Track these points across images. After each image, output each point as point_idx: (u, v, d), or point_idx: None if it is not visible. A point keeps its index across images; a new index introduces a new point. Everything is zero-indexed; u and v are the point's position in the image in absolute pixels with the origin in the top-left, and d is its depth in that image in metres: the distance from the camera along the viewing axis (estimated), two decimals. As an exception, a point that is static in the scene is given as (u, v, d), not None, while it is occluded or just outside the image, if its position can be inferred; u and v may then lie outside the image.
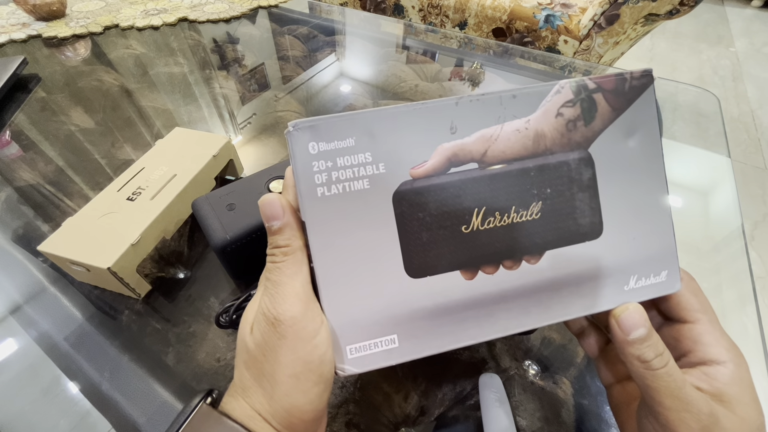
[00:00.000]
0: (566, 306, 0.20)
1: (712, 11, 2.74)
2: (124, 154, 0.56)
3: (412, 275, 0.18)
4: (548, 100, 0.19)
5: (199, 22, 0.94)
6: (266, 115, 0.65)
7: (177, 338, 0.35)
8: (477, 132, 0.18)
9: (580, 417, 0.31)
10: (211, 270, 0.41)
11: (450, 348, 0.19)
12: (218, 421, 0.18)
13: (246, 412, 0.18)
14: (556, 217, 0.19)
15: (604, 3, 1.07)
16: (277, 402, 0.17)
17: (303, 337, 0.17)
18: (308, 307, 0.17)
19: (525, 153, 0.19)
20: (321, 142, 0.18)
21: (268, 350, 0.17)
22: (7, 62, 0.69)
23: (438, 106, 0.18)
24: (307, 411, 0.18)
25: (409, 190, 0.18)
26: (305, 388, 0.17)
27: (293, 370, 0.17)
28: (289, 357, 0.17)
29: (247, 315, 0.20)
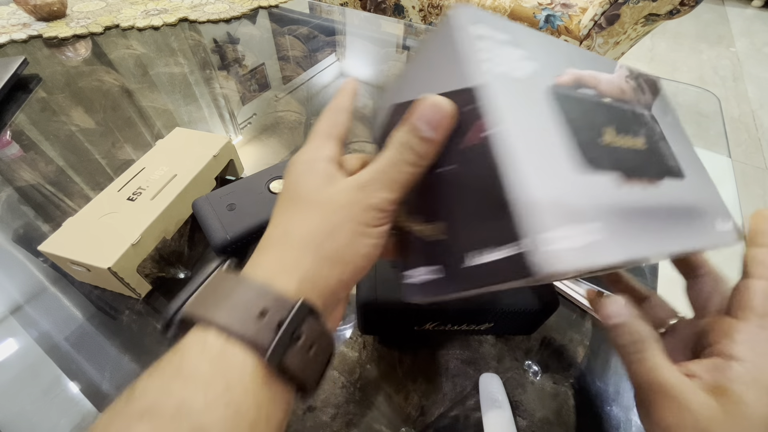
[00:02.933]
0: (681, 237, 0.20)
1: (712, 11, 2.74)
2: (124, 154, 0.56)
3: (587, 168, 0.17)
4: (617, 69, 0.23)
5: (199, 22, 0.95)
6: (266, 115, 0.65)
7: (177, 338, 0.35)
8: (590, 70, 0.21)
9: (580, 417, 0.31)
10: (211, 270, 0.41)
11: (636, 256, 0.17)
12: (235, 279, 0.17)
13: (275, 265, 0.17)
14: (654, 152, 0.21)
15: (604, 3, 1.07)
16: (324, 252, 0.17)
17: (376, 221, 0.18)
18: (393, 208, 0.18)
19: (619, 97, 0.22)
20: (482, 24, 0.18)
21: (341, 206, 0.18)
22: (7, 62, 0.69)
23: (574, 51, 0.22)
24: (350, 266, 0.18)
25: (567, 95, 0.18)
26: (355, 253, 0.18)
27: (356, 229, 0.17)
28: (355, 224, 0.17)
29: (312, 171, 0.19)
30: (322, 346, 0.17)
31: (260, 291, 0.16)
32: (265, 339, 0.15)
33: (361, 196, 0.18)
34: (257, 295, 0.16)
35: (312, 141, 0.21)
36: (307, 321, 0.16)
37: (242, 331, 0.15)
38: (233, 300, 0.16)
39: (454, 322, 0.32)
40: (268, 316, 0.15)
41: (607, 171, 0.17)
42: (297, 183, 0.19)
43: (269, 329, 0.15)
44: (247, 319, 0.15)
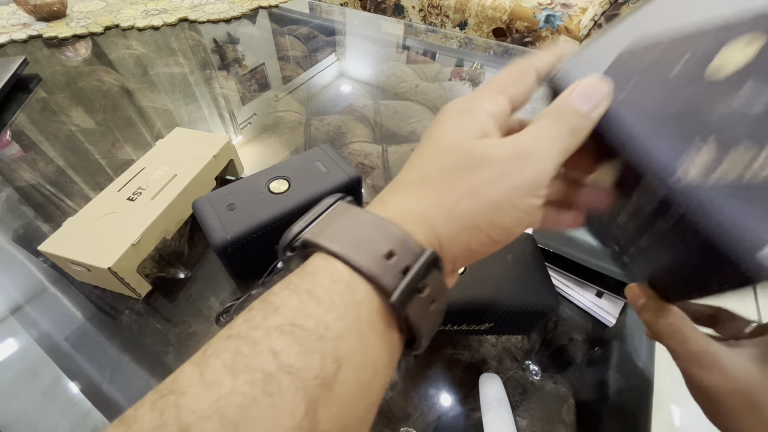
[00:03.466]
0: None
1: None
2: (124, 154, 0.56)
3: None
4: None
5: (199, 22, 0.95)
6: (266, 115, 0.65)
7: (177, 338, 0.35)
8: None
9: (580, 417, 0.31)
10: (211, 270, 0.41)
11: None
12: (360, 214, 0.16)
13: (406, 208, 0.16)
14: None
15: (604, 3, 1.07)
16: (458, 212, 0.16)
17: (532, 190, 0.16)
18: (552, 175, 0.17)
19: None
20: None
21: (491, 166, 0.16)
22: (7, 62, 0.69)
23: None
24: (478, 240, 0.16)
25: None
26: (494, 222, 0.16)
27: (500, 200, 0.16)
28: (507, 188, 0.16)
29: (465, 122, 0.17)
30: (440, 304, 0.17)
31: (389, 231, 0.15)
32: (390, 282, 0.14)
33: (518, 156, 0.16)
34: (386, 234, 0.15)
35: (480, 90, 0.19)
36: (432, 273, 0.16)
37: (370, 268, 0.14)
38: (359, 234, 0.15)
39: (454, 322, 0.32)
40: (395, 259, 0.15)
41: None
42: (446, 128, 0.18)
43: (395, 272, 0.15)
44: (375, 257, 0.15)
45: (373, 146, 0.58)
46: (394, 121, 0.63)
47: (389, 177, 0.52)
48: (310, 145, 0.58)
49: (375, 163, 0.55)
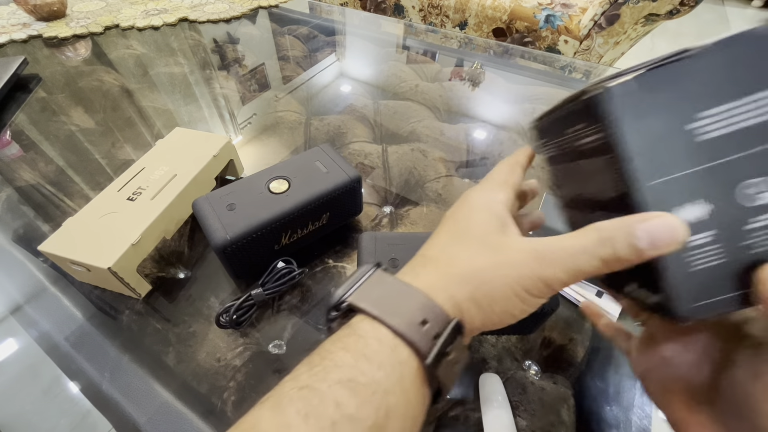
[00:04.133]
0: None
1: (712, 11, 2.74)
2: (124, 154, 0.56)
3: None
4: None
5: (199, 22, 0.95)
6: (266, 115, 0.65)
7: (177, 338, 0.35)
8: None
9: (580, 417, 0.31)
10: (211, 270, 0.41)
11: None
12: (398, 283, 0.19)
13: (434, 282, 0.19)
14: None
15: (604, 3, 1.07)
16: (478, 295, 0.18)
17: (540, 295, 0.18)
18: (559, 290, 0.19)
19: None
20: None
21: (512, 265, 0.18)
22: (7, 62, 0.69)
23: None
24: (490, 320, 0.19)
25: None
26: (506, 309, 0.19)
27: (518, 292, 0.18)
28: (519, 289, 0.18)
29: (487, 212, 0.20)
30: (462, 363, 0.19)
31: (423, 301, 0.18)
32: (425, 346, 0.17)
33: (535, 266, 0.18)
34: (421, 304, 0.18)
35: (487, 183, 0.22)
36: (456, 339, 0.18)
37: (410, 335, 0.17)
38: (399, 304, 0.18)
39: (454, 322, 0.32)
40: (428, 326, 0.18)
41: None
42: (471, 217, 0.21)
43: (429, 338, 0.17)
44: (412, 324, 0.17)
45: (373, 146, 0.58)
46: (394, 121, 0.63)
47: (389, 177, 0.53)
48: (310, 145, 0.58)
49: (375, 163, 0.55)
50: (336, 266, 0.41)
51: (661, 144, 0.16)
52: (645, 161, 0.16)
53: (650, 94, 0.16)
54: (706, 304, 0.17)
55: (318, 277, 0.40)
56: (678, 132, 0.16)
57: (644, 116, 0.16)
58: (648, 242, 0.15)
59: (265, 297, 0.35)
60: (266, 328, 0.36)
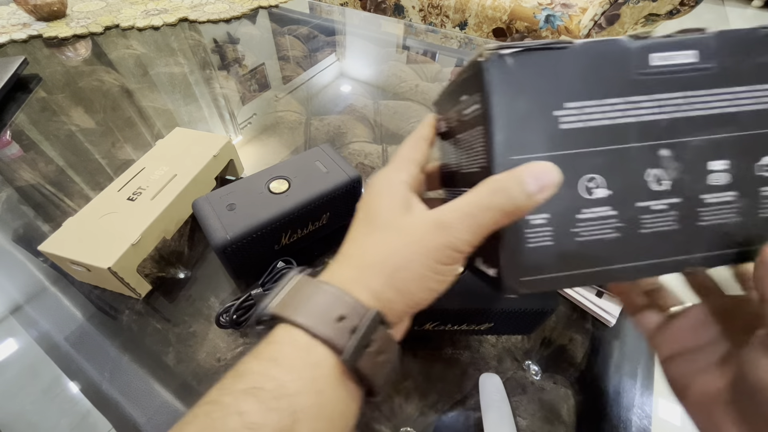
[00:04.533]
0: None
1: (712, 11, 2.74)
2: (124, 154, 0.56)
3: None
4: None
5: (199, 22, 0.95)
6: (266, 115, 0.65)
7: (177, 338, 0.35)
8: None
9: (580, 417, 0.31)
10: (211, 270, 0.41)
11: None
12: (317, 284, 0.19)
13: (351, 278, 0.19)
14: None
15: (604, 3, 1.07)
16: (395, 281, 0.19)
17: (453, 261, 0.19)
18: (471, 251, 0.19)
19: None
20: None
21: (417, 242, 0.18)
22: (7, 62, 0.69)
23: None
24: (414, 301, 0.19)
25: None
26: (424, 286, 0.19)
27: (426, 272, 0.18)
28: (431, 262, 0.18)
29: (391, 196, 0.20)
30: (390, 354, 0.19)
31: (339, 298, 0.18)
32: (341, 341, 0.17)
33: (439, 234, 0.18)
34: (336, 301, 0.18)
35: (392, 163, 0.22)
36: (378, 330, 0.18)
37: (324, 333, 0.17)
38: (315, 304, 0.18)
39: (454, 322, 0.32)
40: (344, 321, 0.18)
41: None
42: (374, 204, 0.21)
43: (345, 333, 0.17)
44: (328, 322, 0.18)
45: (373, 146, 0.58)
46: (394, 121, 0.63)
47: (389, 177, 0.53)
48: (310, 145, 0.58)
49: (375, 163, 0.55)
50: (336, 266, 0.41)
51: (528, 123, 0.17)
52: (509, 136, 0.17)
53: (527, 73, 0.17)
54: (531, 280, 0.18)
55: (318, 277, 0.40)
56: (546, 116, 0.17)
57: (518, 93, 0.17)
58: (536, 186, 0.17)
59: (265, 297, 0.35)
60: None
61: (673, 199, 0.18)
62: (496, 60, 0.17)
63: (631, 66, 0.18)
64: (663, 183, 0.18)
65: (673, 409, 0.32)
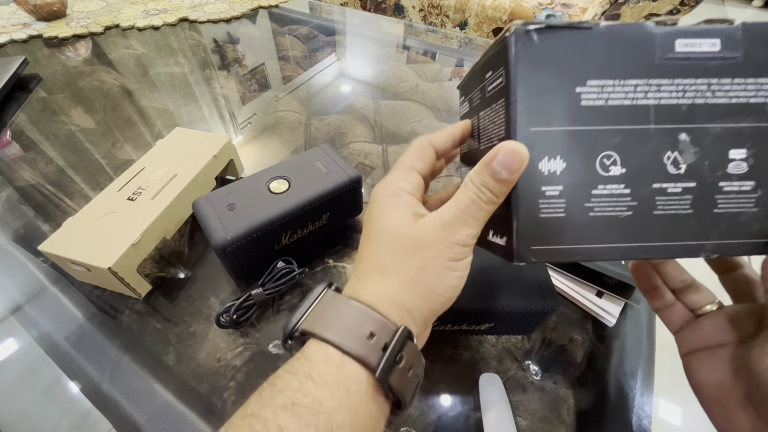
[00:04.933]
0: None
1: (712, 11, 2.74)
2: (124, 154, 0.56)
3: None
4: None
5: (199, 22, 0.95)
6: (266, 115, 0.65)
7: (177, 338, 0.35)
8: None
9: (580, 417, 0.31)
10: (211, 270, 0.41)
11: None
12: (346, 302, 0.20)
13: (377, 294, 0.20)
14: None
15: (604, 3, 1.07)
16: (419, 287, 0.20)
17: (463, 256, 0.20)
18: (473, 244, 0.20)
19: None
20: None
21: (429, 246, 0.19)
22: (7, 62, 0.69)
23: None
24: (440, 303, 0.20)
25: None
26: (447, 285, 0.20)
27: (444, 270, 0.20)
28: (445, 260, 0.19)
29: (397, 209, 0.21)
30: (417, 368, 0.20)
31: (367, 315, 0.19)
32: (374, 359, 0.18)
33: (445, 234, 0.19)
34: (365, 317, 0.19)
35: (395, 172, 0.23)
36: (407, 345, 0.19)
37: (356, 351, 0.18)
38: (345, 321, 0.19)
39: (454, 322, 0.32)
40: (375, 339, 0.19)
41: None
42: (381, 216, 0.22)
43: (377, 350, 0.18)
44: (359, 340, 0.18)
45: (373, 146, 0.58)
46: (394, 121, 0.63)
47: (389, 177, 0.53)
48: (310, 145, 0.58)
49: (375, 163, 0.55)
50: (336, 266, 0.41)
51: (551, 97, 0.18)
52: (531, 107, 0.18)
53: (552, 49, 0.18)
54: (543, 249, 0.18)
55: (318, 277, 0.40)
56: (568, 91, 0.18)
57: (542, 67, 0.18)
58: (506, 171, 0.18)
59: (265, 297, 0.35)
60: (266, 328, 0.36)
61: (691, 183, 0.18)
62: (523, 35, 0.18)
63: (656, 50, 0.18)
64: (681, 167, 0.18)
65: (673, 409, 0.32)
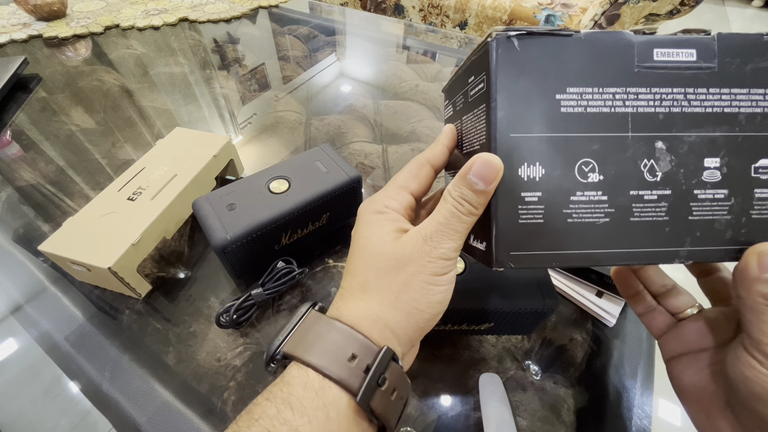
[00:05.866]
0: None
1: (712, 11, 2.74)
2: (124, 154, 0.56)
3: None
4: None
5: (199, 22, 0.95)
6: (266, 115, 0.65)
7: (177, 338, 0.35)
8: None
9: (580, 417, 0.31)
10: (211, 270, 0.41)
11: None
12: (328, 323, 0.20)
13: (359, 314, 0.20)
14: None
15: (604, 3, 1.07)
16: (401, 304, 0.19)
17: (446, 270, 0.19)
18: (456, 257, 0.20)
19: None
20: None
21: (411, 262, 0.19)
22: (7, 62, 0.69)
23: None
24: (424, 320, 0.20)
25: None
26: (430, 301, 0.19)
27: (427, 286, 0.19)
28: (427, 276, 0.19)
29: (381, 226, 0.21)
30: (402, 390, 0.20)
31: (349, 337, 0.19)
32: (355, 382, 0.18)
33: (427, 249, 0.19)
34: (347, 339, 0.19)
35: (385, 189, 0.23)
36: (390, 367, 0.19)
37: (337, 374, 0.18)
38: (327, 343, 0.19)
39: (454, 322, 0.32)
40: (357, 361, 0.18)
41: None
42: (366, 234, 0.21)
43: (358, 372, 0.18)
44: (340, 362, 0.18)
45: (373, 146, 0.58)
46: (394, 121, 0.63)
47: (389, 177, 0.52)
48: (310, 145, 0.58)
49: (375, 163, 0.55)
50: (336, 266, 0.41)
51: (531, 103, 0.18)
52: (511, 114, 0.18)
53: (532, 55, 0.18)
54: (522, 255, 0.19)
55: (318, 277, 0.40)
56: (548, 98, 0.18)
57: (522, 73, 0.18)
58: (482, 182, 0.18)
59: (265, 297, 0.35)
60: (266, 328, 0.36)
61: (667, 190, 0.18)
62: (504, 41, 0.18)
63: (634, 59, 0.18)
64: (657, 174, 0.18)
65: (673, 409, 0.32)
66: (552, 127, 0.18)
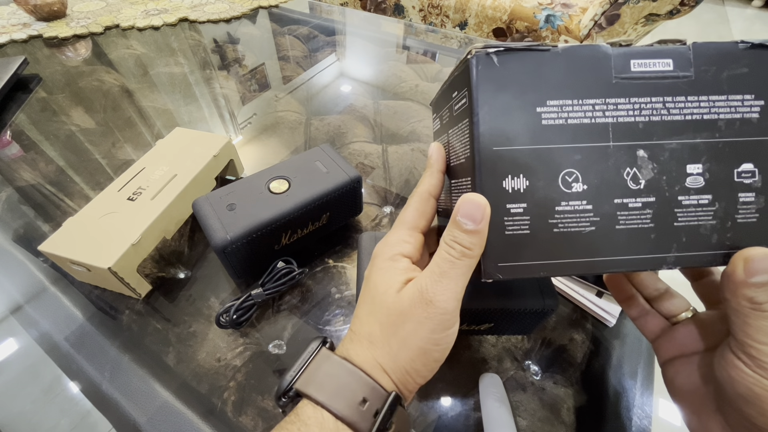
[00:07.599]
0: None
1: (712, 11, 2.74)
2: (124, 154, 0.56)
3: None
4: None
5: (199, 22, 0.95)
6: (266, 115, 0.65)
7: (177, 338, 0.35)
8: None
9: (580, 417, 0.31)
10: (211, 270, 0.41)
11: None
12: (339, 363, 0.20)
13: (368, 360, 0.21)
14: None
15: (604, 3, 1.07)
16: (400, 362, 0.20)
17: (444, 327, 0.19)
18: (458, 305, 0.20)
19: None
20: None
21: (409, 319, 0.19)
22: (7, 62, 0.69)
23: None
24: (422, 377, 0.21)
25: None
26: (427, 360, 0.20)
27: (425, 345, 0.20)
28: (426, 334, 0.19)
29: (390, 275, 0.21)
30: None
31: (360, 380, 0.20)
32: (366, 425, 0.19)
33: (423, 303, 0.19)
34: (359, 383, 0.20)
35: (398, 231, 0.23)
36: (397, 411, 0.20)
37: (350, 418, 0.19)
38: (339, 385, 0.20)
39: (454, 322, 0.32)
40: (367, 405, 0.19)
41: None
42: (377, 281, 0.22)
43: (369, 417, 0.19)
44: (352, 406, 0.19)
45: (373, 146, 0.58)
46: (394, 121, 0.63)
47: (389, 177, 0.53)
48: (310, 145, 0.58)
49: (375, 163, 0.55)
50: (336, 266, 0.41)
51: (512, 117, 0.18)
52: (493, 128, 0.18)
53: (511, 71, 0.18)
54: (510, 266, 0.19)
55: (318, 277, 0.40)
56: (529, 111, 0.18)
57: (502, 89, 0.18)
58: (471, 222, 0.18)
59: (265, 297, 0.35)
60: (266, 328, 0.36)
61: (651, 198, 0.19)
62: (483, 58, 0.18)
63: (612, 70, 0.19)
64: (640, 182, 0.19)
65: (673, 409, 0.32)
66: (534, 140, 0.18)
